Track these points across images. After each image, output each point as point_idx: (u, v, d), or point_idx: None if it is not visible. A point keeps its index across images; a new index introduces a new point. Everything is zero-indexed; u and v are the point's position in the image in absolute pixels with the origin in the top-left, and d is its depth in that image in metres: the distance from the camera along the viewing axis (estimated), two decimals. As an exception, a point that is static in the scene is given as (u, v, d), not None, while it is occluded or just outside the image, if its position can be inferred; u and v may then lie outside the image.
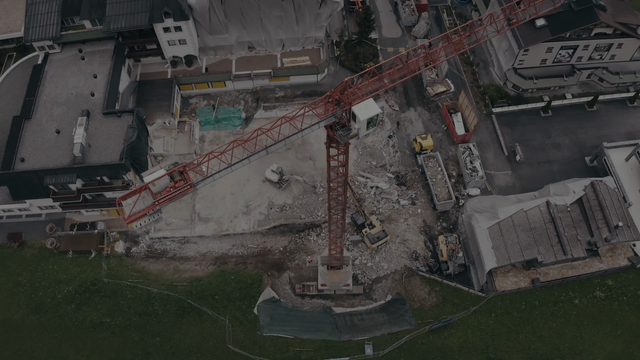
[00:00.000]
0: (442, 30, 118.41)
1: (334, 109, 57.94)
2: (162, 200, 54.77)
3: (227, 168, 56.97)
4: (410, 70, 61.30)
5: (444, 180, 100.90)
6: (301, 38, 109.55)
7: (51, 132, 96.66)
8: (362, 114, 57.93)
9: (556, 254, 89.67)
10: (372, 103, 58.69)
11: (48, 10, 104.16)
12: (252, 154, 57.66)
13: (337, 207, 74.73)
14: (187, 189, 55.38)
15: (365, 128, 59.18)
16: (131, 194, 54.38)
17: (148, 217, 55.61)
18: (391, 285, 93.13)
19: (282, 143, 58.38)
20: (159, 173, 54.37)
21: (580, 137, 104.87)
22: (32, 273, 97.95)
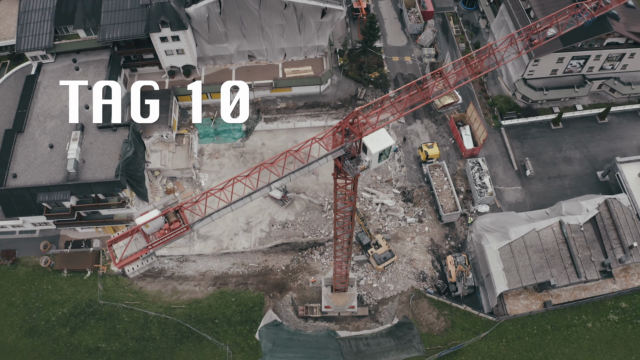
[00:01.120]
0: (449, 39, 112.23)
1: (342, 140, 52.19)
2: (156, 244, 49.08)
3: (227, 207, 51.18)
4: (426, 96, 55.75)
5: (450, 190, 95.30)
6: (303, 47, 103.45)
7: (44, 147, 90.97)
8: (374, 146, 52.16)
9: (569, 276, 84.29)
10: (384, 134, 52.87)
11: (41, 19, 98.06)
12: (253, 191, 51.77)
13: (343, 235, 69.16)
14: (183, 231, 49.67)
15: (377, 160, 53.43)
16: (122, 237, 48.89)
17: (141, 261, 50.05)
18: (398, 308, 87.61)
19: (287, 178, 52.46)
20: (153, 214, 48.64)
21: (591, 151, 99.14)
22: (26, 293, 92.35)
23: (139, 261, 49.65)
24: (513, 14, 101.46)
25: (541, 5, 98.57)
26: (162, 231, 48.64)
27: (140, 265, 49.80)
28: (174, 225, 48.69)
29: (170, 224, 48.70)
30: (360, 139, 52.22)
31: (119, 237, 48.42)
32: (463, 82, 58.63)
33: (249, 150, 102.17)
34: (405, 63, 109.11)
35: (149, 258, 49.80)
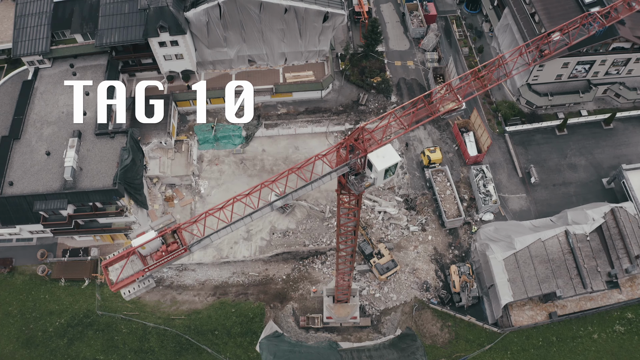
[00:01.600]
0: (452, 43, 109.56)
1: (347, 157, 49.69)
2: (153, 267, 46.64)
3: (226, 227, 48.67)
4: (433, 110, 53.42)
5: (453, 195, 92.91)
6: (304, 52, 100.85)
7: (41, 154, 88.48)
8: (380, 162, 49.68)
9: (575, 287, 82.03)
10: (390, 150, 50.41)
11: (37, 24, 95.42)
12: (254, 211, 49.28)
13: (346, 248, 66.81)
14: (181, 253, 47.23)
15: (382, 177, 50.97)
16: (117, 259, 46.47)
17: (137, 284, 47.63)
18: (401, 318, 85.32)
19: (289, 197, 49.98)
20: (149, 236, 46.19)
21: (597, 157, 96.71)
22: (23, 303, 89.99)
23: (135, 284, 47.28)
24: (517, 18, 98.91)
25: (546, 9, 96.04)
26: (159, 253, 46.23)
27: (136, 288, 47.42)
28: (171, 247, 46.31)
29: (167, 246, 46.31)
30: (365, 156, 49.79)
31: (114, 260, 46.05)
32: (471, 96, 56.33)
33: (249, 156, 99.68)
34: (408, 68, 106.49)
35: (145, 281, 47.43)
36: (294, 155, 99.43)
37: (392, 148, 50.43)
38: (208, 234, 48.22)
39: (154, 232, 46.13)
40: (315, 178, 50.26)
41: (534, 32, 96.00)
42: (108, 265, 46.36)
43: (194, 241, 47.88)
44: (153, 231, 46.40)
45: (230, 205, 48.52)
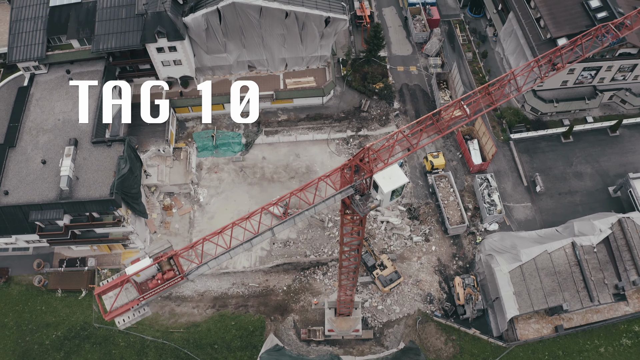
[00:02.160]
0: (455, 47, 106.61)
1: (352, 178, 47.03)
2: (149, 296, 44.01)
3: (225, 253, 46.10)
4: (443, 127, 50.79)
5: (457, 202, 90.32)
6: (305, 57, 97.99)
7: (37, 163, 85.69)
8: (386, 184, 47.03)
9: (582, 300, 79.51)
10: (397, 170, 47.77)
11: (33, 29, 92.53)
12: (255, 236, 46.68)
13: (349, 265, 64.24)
14: (178, 281, 44.61)
15: (389, 199, 48.26)
16: (111, 288, 43.77)
17: (132, 312, 45.04)
18: (404, 331, 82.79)
19: (292, 221, 47.36)
20: (144, 263, 43.61)
21: (603, 165, 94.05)
22: (19, 314, 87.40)
23: (130, 312, 44.74)
24: (522, 23, 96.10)
25: (552, 14, 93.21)
26: (155, 281, 43.60)
27: (131, 317, 44.96)
28: (167, 275, 43.68)
29: (163, 273, 43.68)
30: (371, 176, 47.13)
31: (107, 288, 43.41)
32: (480, 113, 53.71)
33: (249, 164, 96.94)
34: (411, 73, 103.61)
35: (140, 309, 44.84)
36: (295, 163, 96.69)
37: (399, 168, 47.82)
38: (206, 260, 45.64)
39: (149, 259, 43.55)
40: (318, 201, 47.66)
41: (540, 37, 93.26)
42: (101, 294, 43.76)
43: (192, 268, 45.20)
44: (148, 258, 43.81)
45: (229, 230, 46.12)
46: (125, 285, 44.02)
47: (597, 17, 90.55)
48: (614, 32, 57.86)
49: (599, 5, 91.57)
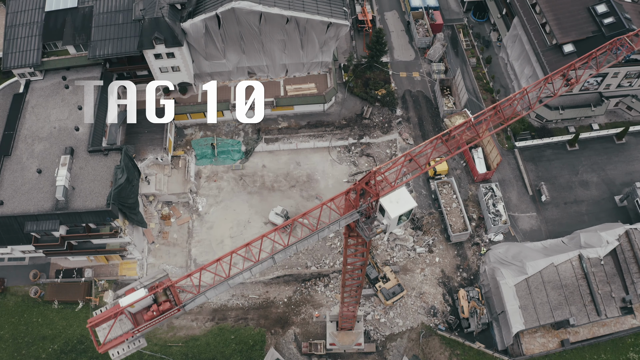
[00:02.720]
0: (459, 53, 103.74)
1: (357, 202, 44.47)
2: (144, 328, 41.45)
3: (224, 283, 43.63)
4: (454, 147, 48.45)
5: (460, 209, 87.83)
6: (306, 63, 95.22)
7: (32, 172, 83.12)
8: (393, 208, 44.57)
9: (589, 314, 77.18)
10: (404, 193, 45.29)
11: (28, 35, 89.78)
12: (255, 264, 44.25)
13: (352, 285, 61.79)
14: (174, 313, 42.08)
15: (395, 223, 45.76)
16: (105, 319, 41.22)
17: (127, 344, 42.48)
18: (407, 345, 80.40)
19: (294, 248, 44.80)
20: (139, 294, 40.93)
21: (609, 174, 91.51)
22: (15, 326, 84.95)
23: (125, 344, 42.22)
24: (527, 28, 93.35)
25: (557, 19, 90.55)
26: (150, 312, 41.06)
27: (126, 349, 42.45)
28: (163, 306, 41.16)
29: (159, 305, 41.13)
30: (377, 200, 44.57)
31: (101, 320, 40.86)
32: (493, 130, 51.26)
33: (249, 172, 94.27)
34: (414, 79, 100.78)
35: (136, 341, 42.32)
36: (296, 172, 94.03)
37: (406, 192, 45.33)
38: (204, 290, 43.13)
39: (143, 290, 40.98)
40: (322, 227, 45.09)
41: (545, 43, 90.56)
42: (95, 326, 41.25)
43: (189, 299, 42.66)
44: (143, 289, 41.24)
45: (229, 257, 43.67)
46: (120, 316, 41.52)
47: (604, 23, 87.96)
48: (628, 45, 55.33)
49: (605, 11, 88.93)
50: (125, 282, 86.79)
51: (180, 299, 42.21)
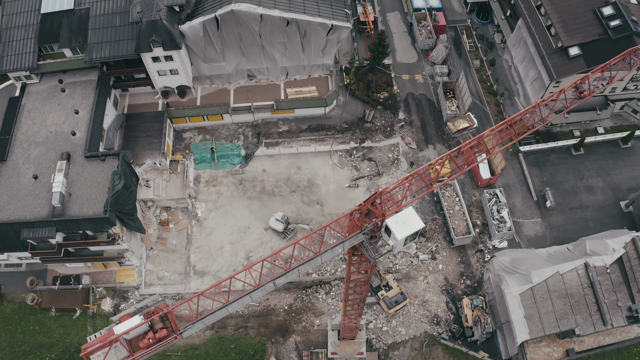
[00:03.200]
0: (462, 54, 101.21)
1: (362, 223, 42.37)
2: (139, 357, 39.38)
3: (222, 308, 41.63)
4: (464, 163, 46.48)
5: (462, 212, 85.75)
6: (307, 66, 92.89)
7: (28, 178, 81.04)
8: (400, 230, 42.45)
9: (595, 324, 75.18)
10: (412, 214, 43.16)
11: (24, 37, 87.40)
12: (255, 288, 42.25)
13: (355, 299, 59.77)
14: (171, 340, 39.99)
15: (402, 245, 43.63)
16: (99, 347, 39.10)
17: (122, 372, 40.29)
18: (410, 355, 78.50)
19: (296, 272, 42.74)
20: (134, 321, 38.79)
21: (614, 179, 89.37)
22: (12, 334, 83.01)
23: (120, 372, 40.10)
24: (532, 31, 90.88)
25: (563, 21, 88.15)
26: (146, 340, 38.95)
27: (121, 377, 40.21)
28: (160, 334, 39.07)
29: (155, 332, 39.03)
30: (383, 220, 42.44)
31: (95, 348, 38.74)
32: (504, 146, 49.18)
33: (249, 177, 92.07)
34: (416, 82, 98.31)
35: (131, 369, 40.18)
36: (296, 176, 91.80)
37: (413, 212, 43.12)
38: (202, 316, 41.09)
39: (139, 317, 38.87)
40: (325, 249, 42.98)
41: (550, 45, 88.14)
42: (89, 353, 39.13)
43: (187, 325, 40.59)
44: (138, 316, 39.14)
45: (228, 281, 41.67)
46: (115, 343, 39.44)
47: (610, 25, 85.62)
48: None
49: (612, 13, 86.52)
50: (123, 289, 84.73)
51: (177, 325, 40.19)
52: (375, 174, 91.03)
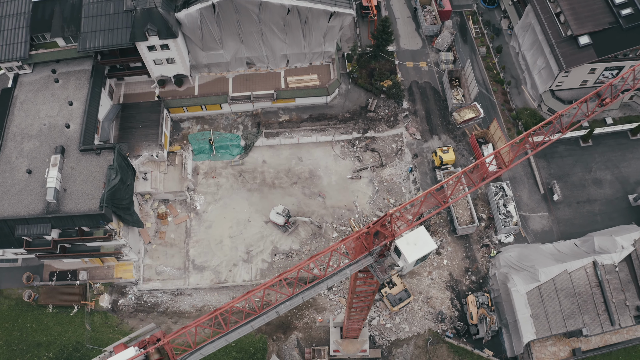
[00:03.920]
0: (468, 40, 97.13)
1: (371, 245, 39.50)
2: (135, 391, 36.73)
3: (221, 338, 38.92)
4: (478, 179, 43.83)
5: (466, 200, 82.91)
6: (308, 53, 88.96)
7: (22, 172, 77.93)
8: (411, 252, 39.65)
9: (602, 324, 72.97)
10: (423, 234, 40.31)
11: (15, 26, 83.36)
12: (255, 317, 39.51)
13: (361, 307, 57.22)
14: (170, 373, 37.28)
15: (413, 265, 40.80)
16: (91, 380, 36.39)
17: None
18: (414, 353, 76.35)
19: (299, 299, 39.94)
20: (128, 354, 35.98)
21: (623, 171, 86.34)
22: (9, 332, 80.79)
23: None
24: (541, 18, 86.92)
25: (572, 9, 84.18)
26: (142, 373, 36.32)
27: (115, 409, 37.63)
28: (155, 366, 36.34)
29: (151, 364, 36.37)
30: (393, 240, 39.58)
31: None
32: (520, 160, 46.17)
33: (249, 168, 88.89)
34: (421, 69, 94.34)
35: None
36: (297, 167, 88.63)
37: (425, 232, 40.10)
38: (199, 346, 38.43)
39: (133, 350, 36.15)
40: (330, 274, 40.16)
41: (559, 34, 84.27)
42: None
43: (184, 356, 37.90)
44: (133, 348, 36.41)
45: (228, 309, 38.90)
46: (109, 374, 36.85)
47: (622, 14, 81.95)
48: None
49: (623, 1, 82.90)
50: (121, 285, 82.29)
51: (174, 354, 37.51)
52: (379, 165, 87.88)
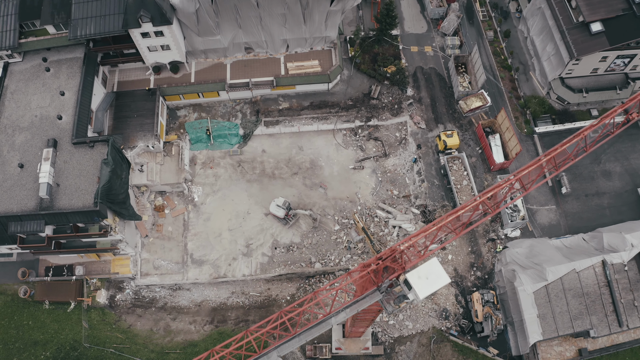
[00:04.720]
0: (474, 24, 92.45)
1: (380, 279, 36.65)
2: None
3: None
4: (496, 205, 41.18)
5: (470, 187, 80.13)
6: (309, 38, 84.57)
7: (13, 166, 74.58)
8: (422, 287, 36.72)
9: (610, 325, 71.05)
10: (436, 266, 37.25)
11: (3, 14, 78.70)
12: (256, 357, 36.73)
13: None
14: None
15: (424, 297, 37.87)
16: None
17: None
18: (417, 350, 74.39)
19: (297, 340, 37.16)
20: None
21: (632, 163, 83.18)
22: (5, 330, 78.59)
23: None
24: (552, 2, 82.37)
25: (585, -8, 79.51)
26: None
27: None
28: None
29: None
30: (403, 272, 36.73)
31: None
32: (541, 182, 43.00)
33: (248, 158, 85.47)
34: (426, 54, 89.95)
35: None
36: (298, 157, 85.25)
37: (437, 263, 37.05)
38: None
39: None
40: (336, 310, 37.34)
41: (571, 20, 79.94)
42: None
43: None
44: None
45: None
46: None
47: (636, 0, 77.31)
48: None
49: (639, -14, 78.14)
50: (118, 280, 79.77)
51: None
52: (382, 155, 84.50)
